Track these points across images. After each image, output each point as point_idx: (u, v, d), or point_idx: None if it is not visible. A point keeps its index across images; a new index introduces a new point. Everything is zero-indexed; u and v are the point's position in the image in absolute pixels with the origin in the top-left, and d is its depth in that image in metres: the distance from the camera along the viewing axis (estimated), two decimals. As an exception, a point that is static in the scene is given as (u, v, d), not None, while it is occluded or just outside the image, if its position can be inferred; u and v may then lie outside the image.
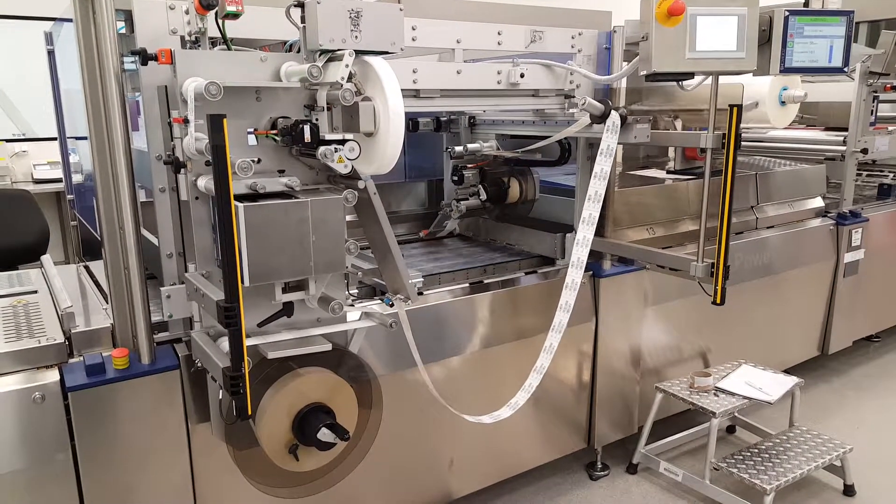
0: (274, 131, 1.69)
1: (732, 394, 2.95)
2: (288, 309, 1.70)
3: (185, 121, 1.62)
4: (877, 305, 4.29)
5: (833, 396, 3.90)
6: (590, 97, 2.32)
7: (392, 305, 1.94)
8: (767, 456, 2.83)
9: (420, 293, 2.37)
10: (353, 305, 2.12)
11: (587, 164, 2.79)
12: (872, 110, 3.86)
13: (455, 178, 3.04)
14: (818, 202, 3.95)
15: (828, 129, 4.50)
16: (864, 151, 3.86)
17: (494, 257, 2.90)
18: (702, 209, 2.40)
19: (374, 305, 2.18)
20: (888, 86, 3.87)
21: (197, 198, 1.72)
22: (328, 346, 1.73)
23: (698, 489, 2.89)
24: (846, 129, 3.88)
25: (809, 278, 3.81)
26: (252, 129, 1.72)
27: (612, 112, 2.31)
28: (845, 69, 2.22)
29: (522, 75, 2.46)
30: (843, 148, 3.88)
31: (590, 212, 2.30)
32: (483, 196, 3.02)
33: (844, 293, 3.97)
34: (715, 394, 2.96)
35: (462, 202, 3.04)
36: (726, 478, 2.80)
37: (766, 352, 3.55)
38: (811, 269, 3.80)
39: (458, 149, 3.00)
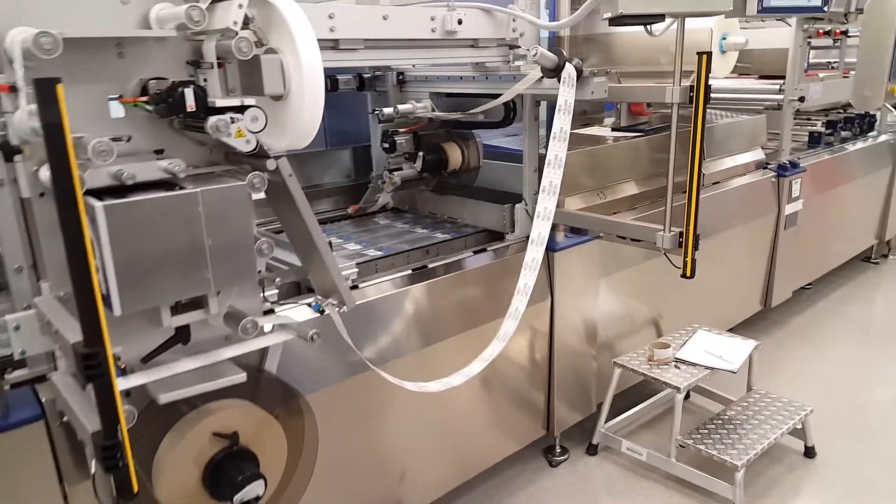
0: (144, 98, 1.25)
1: (693, 364, 2.79)
2: (182, 335, 1.30)
3: (13, 89, 1.17)
4: (811, 255, 4.30)
5: (777, 349, 3.88)
6: (541, 47, 1.98)
7: (323, 312, 1.57)
8: (732, 427, 2.70)
9: (354, 287, 2.00)
10: (273, 311, 1.72)
11: (534, 124, 2.48)
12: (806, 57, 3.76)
13: (386, 144, 2.64)
14: (759, 154, 3.84)
15: (761, 77, 4.39)
16: (802, 99, 3.76)
17: (436, 235, 2.55)
18: (668, 172, 2.14)
19: (291, 311, 1.76)
20: (820, 31, 3.77)
21: (42, 194, 1.27)
22: (243, 377, 1.34)
23: (663, 467, 2.74)
24: (780, 77, 3.75)
25: (753, 233, 3.72)
26: (116, 96, 1.29)
27: (567, 64, 1.99)
28: (825, 8, 2.00)
29: (460, 21, 2.08)
30: (781, 97, 3.76)
31: (550, 179, 2.01)
32: (419, 165, 2.62)
33: (785, 245, 3.92)
34: (676, 366, 2.79)
35: (395, 172, 2.64)
36: (691, 452, 2.65)
37: (714, 312, 3.46)
38: (755, 224, 3.71)
39: (388, 111, 2.59)
